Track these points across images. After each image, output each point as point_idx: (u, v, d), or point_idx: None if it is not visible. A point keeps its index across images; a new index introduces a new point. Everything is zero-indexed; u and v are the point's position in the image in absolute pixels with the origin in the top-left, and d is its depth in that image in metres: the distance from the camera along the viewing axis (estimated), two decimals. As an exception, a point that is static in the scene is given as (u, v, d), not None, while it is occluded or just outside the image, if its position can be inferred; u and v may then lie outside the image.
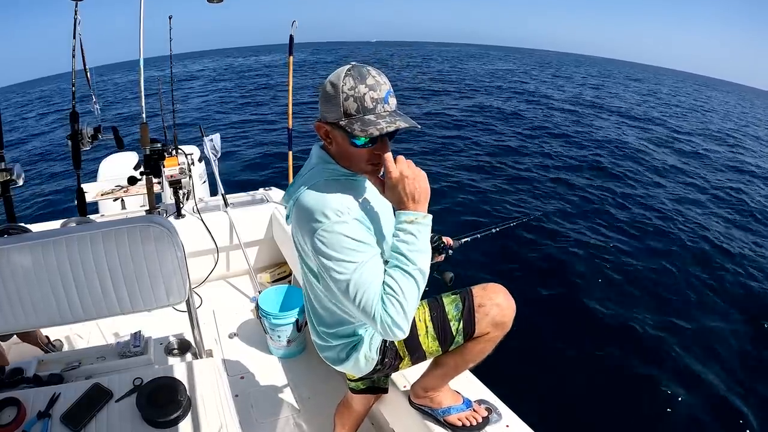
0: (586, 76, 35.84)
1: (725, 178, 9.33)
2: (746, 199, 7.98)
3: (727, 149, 12.63)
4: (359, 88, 0.94)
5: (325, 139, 1.03)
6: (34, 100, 24.25)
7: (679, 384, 3.33)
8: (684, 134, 13.72)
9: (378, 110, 0.95)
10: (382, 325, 0.92)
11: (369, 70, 0.96)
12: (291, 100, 2.77)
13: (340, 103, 0.94)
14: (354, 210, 0.97)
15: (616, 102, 19.82)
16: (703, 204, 7.51)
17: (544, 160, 9.02)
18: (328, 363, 1.26)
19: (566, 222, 6.06)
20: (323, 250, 0.94)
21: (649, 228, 6.15)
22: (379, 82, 0.96)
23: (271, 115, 13.15)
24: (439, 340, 1.19)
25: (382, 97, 0.95)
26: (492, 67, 36.15)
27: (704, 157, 11.06)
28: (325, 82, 0.98)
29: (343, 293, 0.95)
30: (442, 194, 6.64)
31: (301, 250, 1.08)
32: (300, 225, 1.00)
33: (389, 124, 0.94)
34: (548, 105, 16.39)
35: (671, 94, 29.74)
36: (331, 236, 0.93)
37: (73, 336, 2.34)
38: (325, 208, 0.94)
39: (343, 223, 0.93)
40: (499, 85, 22.45)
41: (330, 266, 0.94)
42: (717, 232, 6.21)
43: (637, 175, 8.55)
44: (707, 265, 5.23)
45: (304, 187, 1.00)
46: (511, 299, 1.20)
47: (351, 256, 0.92)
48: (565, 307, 4.14)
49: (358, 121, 0.94)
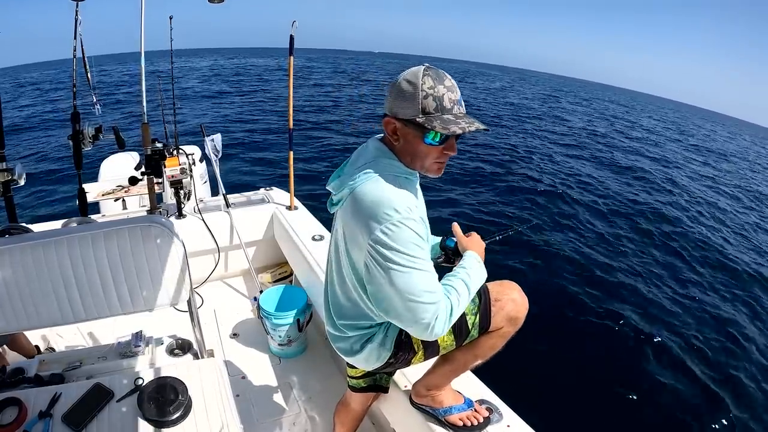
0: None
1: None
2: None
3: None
4: (438, 89, 0.97)
5: (392, 135, 1.04)
6: (34, 83, 23.86)
7: (680, 384, 3.33)
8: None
9: (455, 111, 0.99)
10: (432, 317, 0.95)
11: (444, 73, 1.01)
12: (291, 100, 2.76)
13: (419, 100, 0.97)
14: (417, 209, 1.00)
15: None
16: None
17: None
18: (340, 354, 1.27)
19: (567, 228, 6.08)
20: (388, 243, 0.94)
21: (654, 233, 6.17)
22: (454, 85, 1.00)
23: (272, 115, 13.15)
24: (455, 333, 1.19)
25: (458, 99, 1.00)
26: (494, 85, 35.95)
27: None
28: (399, 80, 1.01)
29: (393, 285, 0.96)
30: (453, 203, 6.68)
31: (350, 238, 1.06)
32: (360, 216, 0.99)
33: (469, 124, 0.97)
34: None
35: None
36: (399, 230, 0.94)
37: (74, 336, 2.34)
38: (394, 203, 0.96)
39: (411, 220, 0.96)
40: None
41: (391, 257, 0.94)
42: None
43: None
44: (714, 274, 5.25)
45: (367, 176, 1.01)
46: (524, 296, 1.23)
47: (415, 252, 0.95)
48: (566, 307, 4.14)
49: (437, 120, 0.97)
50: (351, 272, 1.11)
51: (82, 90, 2.77)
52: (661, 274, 5.04)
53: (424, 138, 0.99)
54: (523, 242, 5.31)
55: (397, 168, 1.05)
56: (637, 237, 6.17)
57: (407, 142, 1.03)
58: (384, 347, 1.18)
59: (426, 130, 0.98)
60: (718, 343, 3.96)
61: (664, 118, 33.20)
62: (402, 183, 1.03)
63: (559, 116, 19.48)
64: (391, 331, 1.18)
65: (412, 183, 1.08)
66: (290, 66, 2.65)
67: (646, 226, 6.55)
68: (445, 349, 1.23)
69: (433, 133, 0.98)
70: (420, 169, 1.07)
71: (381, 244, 0.95)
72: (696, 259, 5.70)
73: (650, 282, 4.80)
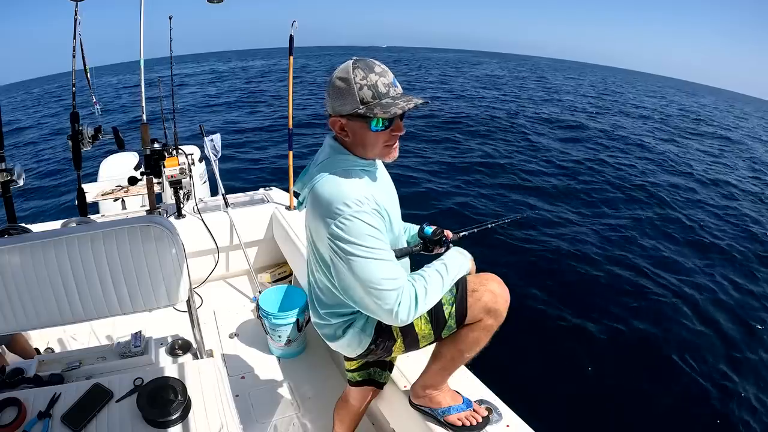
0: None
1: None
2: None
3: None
4: (370, 77, 1.00)
5: (341, 132, 1.08)
6: (43, 95, 24.03)
7: (680, 384, 3.33)
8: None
9: (391, 93, 1.02)
10: (394, 303, 0.99)
11: (373, 61, 1.04)
12: (291, 100, 2.76)
13: (355, 93, 1.00)
14: (371, 200, 1.03)
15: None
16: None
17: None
18: (325, 340, 1.31)
19: (562, 220, 6.08)
20: (342, 236, 0.99)
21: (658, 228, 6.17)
22: (385, 69, 1.03)
23: (272, 115, 13.16)
24: (432, 322, 1.19)
25: (391, 81, 1.03)
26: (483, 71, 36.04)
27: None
28: (332, 79, 1.04)
29: (354, 275, 1.01)
30: (447, 195, 6.70)
31: (314, 234, 1.12)
32: (318, 211, 1.05)
33: (407, 102, 1.01)
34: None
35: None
36: (351, 223, 0.99)
37: (74, 336, 2.34)
38: (345, 197, 1.00)
39: (363, 212, 1.00)
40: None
41: (348, 250, 0.99)
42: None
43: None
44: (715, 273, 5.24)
45: (321, 175, 1.06)
46: (504, 288, 1.20)
47: (369, 242, 0.99)
48: (566, 306, 4.14)
49: (377, 107, 1.00)
50: (322, 264, 1.16)
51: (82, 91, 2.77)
52: (667, 272, 5.02)
53: (370, 127, 1.03)
54: (523, 238, 5.32)
55: (351, 161, 1.09)
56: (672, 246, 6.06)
57: (356, 135, 1.07)
58: (365, 333, 1.21)
59: (369, 119, 1.01)
60: (734, 337, 3.95)
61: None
62: (357, 175, 1.08)
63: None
64: (372, 319, 1.21)
65: (369, 173, 1.13)
66: (290, 66, 2.65)
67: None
68: (425, 338, 1.22)
69: (378, 120, 1.02)
70: (375, 157, 1.11)
71: (337, 237, 1.00)
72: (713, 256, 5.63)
73: (652, 282, 4.80)
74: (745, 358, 3.77)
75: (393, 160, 1.12)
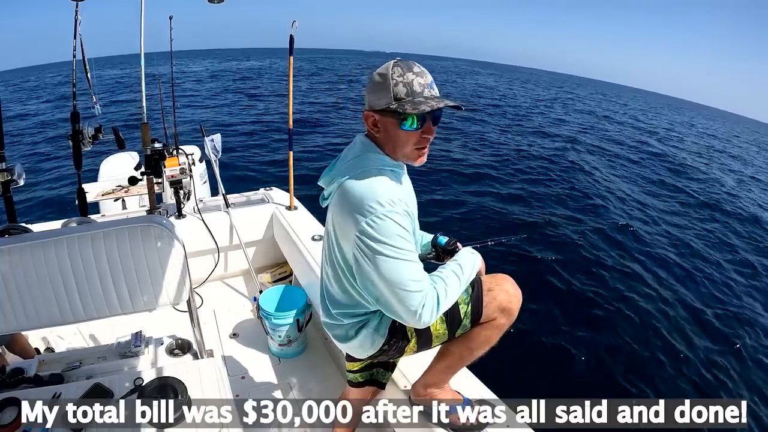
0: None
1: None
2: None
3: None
4: (407, 75, 1.03)
5: (373, 128, 1.09)
6: (38, 87, 23.92)
7: (680, 384, 3.33)
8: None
9: (426, 93, 1.04)
10: (419, 305, 1.00)
11: (414, 62, 1.06)
12: (291, 100, 2.76)
13: (390, 88, 1.02)
14: (402, 202, 1.04)
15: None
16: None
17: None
18: (336, 341, 1.29)
19: (566, 231, 6.08)
20: (373, 234, 0.99)
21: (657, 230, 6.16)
22: (423, 71, 1.06)
23: (272, 114, 13.15)
24: (447, 321, 1.20)
25: (428, 82, 1.05)
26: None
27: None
28: (373, 75, 1.07)
29: (380, 275, 1.00)
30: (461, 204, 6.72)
31: (338, 230, 1.11)
32: (346, 209, 1.04)
33: (438, 102, 1.02)
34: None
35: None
36: (384, 222, 0.99)
37: (74, 336, 2.34)
38: (378, 195, 1.01)
39: (395, 212, 1.00)
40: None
41: (376, 249, 0.99)
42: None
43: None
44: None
45: (351, 172, 1.06)
46: (518, 288, 1.23)
47: (399, 243, 1.00)
48: (566, 307, 4.14)
49: (408, 103, 1.02)
50: (342, 263, 1.15)
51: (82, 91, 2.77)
52: (676, 270, 5.00)
53: (401, 125, 1.04)
54: (541, 242, 5.31)
55: (382, 161, 1.09)
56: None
57: (386, 132, 1.07)
58: (378, 333, 1.20)
59: (400, 115, 1.02)
60: (735, 343, 3.95)
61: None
62: (388, 176, 1.07)
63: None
64: (386, 317, 1.20)
65: (398, 175, 1.13)
66: (290, 66, 2.65)
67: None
68: (438, 338, 1.23)
69: (410, 119, 1.03)
70: (403, 158, 1.11)
71: (367, 235, 1.00)
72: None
73: (656, 281, 4.79)
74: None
75: (420, 165, 1.12)
